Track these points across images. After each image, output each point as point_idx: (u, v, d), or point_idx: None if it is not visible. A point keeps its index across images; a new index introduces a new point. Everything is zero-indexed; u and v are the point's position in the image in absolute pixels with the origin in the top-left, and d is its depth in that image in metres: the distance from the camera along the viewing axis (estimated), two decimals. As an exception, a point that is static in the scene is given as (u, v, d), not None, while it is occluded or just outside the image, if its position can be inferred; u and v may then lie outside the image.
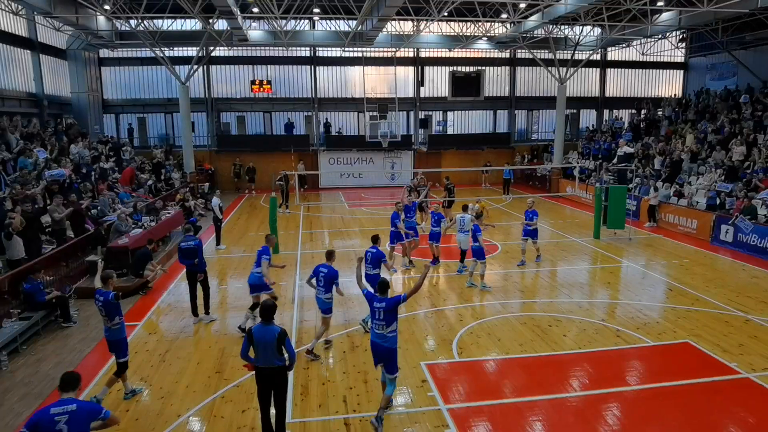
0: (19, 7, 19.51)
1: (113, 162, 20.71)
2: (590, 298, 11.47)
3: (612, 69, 33.10)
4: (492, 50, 29.88)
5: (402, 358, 8.42)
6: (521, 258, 13.91)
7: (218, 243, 16.22)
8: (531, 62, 29.81)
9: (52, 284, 10.83)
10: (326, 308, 8.72)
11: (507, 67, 31.95)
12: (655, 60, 32.00)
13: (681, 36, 29.34)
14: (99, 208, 15.03)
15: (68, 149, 18.72)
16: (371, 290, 7.25)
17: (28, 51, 22.48)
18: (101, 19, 23.14)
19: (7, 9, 19.07)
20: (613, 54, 32.49)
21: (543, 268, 13.54)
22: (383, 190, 28.22)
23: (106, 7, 19.88)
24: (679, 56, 32.17)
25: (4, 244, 10.57)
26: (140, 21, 22.25)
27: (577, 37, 26.84)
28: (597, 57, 31.39)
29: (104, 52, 27.98)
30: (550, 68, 26.67)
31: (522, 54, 30.81)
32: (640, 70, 33.17)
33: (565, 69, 26.30)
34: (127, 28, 23.55)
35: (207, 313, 10.49)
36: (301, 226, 19.35)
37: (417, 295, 11.42)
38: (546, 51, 27.30)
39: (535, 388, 7.55)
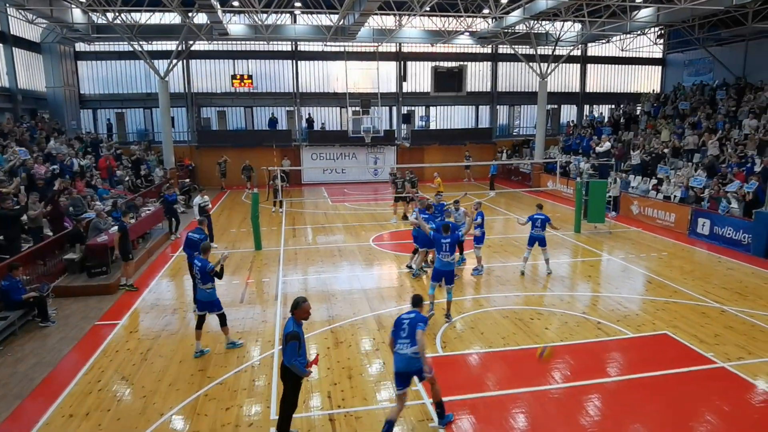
0: (-8, 0, 19.03)
1: (91, 158, 20.34)
2: (571, 291, 11.63)
3: (592, 65, 33.46)
4: (474, 45, 29.98)
5: (386, 353, 8.48)
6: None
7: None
8: (513, 58, 30.02)
9: (29, 283, 10.63)
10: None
11: (489, 63, 32.10)
12: (634, 56, 32.43)
13: (659, 32, 29.77)
14: (73, 205, 14.73)
15: (45, 145, 18.37)
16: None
17: (0, 44, 21.94)
18: (77, 12, 22.69)
19: (-23, 1, 18.59)
20: (594, 50, 32.86)
21: (527, 261, 13.65)
22: (366, 185, 28.23)
23: (82, -1, 19.50)
24: (657, 52, 32.66)
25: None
26: (117, 14, 21.83)
27: (558, 32, 27.08)
28: (577, 53, 31.74)
29: (80, 46, 27.40)
30: (531, 64, 26.87)
31: (504, 49, 30.98)
32: (620, 65, 33.59)
33: (546, 64, 26.52)
34: (104, 22, 23.07)
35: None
36: (283, 222, 19.26)
37: (402, 291, 11.52)
38: (527, 46, 27.49)
39: (518, 380, 7.65)
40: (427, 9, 21.63)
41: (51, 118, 24.00)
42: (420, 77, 31.09)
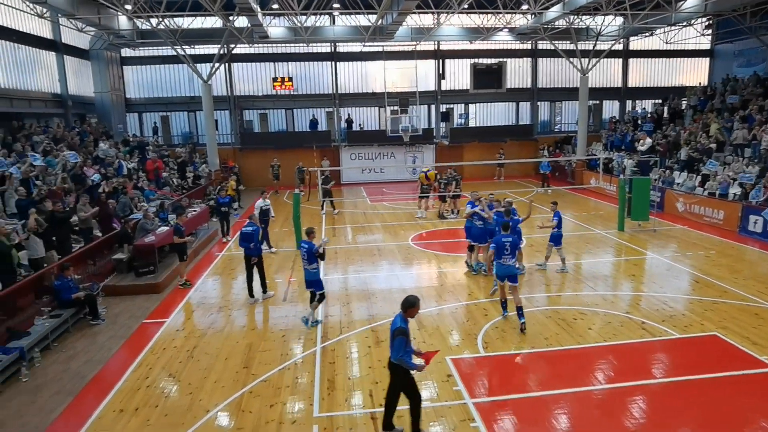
0: (44, 10, 19.96)
1: (137, 161, 21.09)
2: (615, 291, 11.39)
3: (635, 59, 32.52)
4: (513, 42, 29.61)
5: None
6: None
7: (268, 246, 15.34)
8: (553, 53, 29.46)
9: (80, 282, 11.11)
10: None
11: (528, 59, 31.64)
12: (679, 48, 31.32)
13: (707, 22, 28.65)
14: (123, 206, 15.33)
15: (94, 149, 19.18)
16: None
17: (53, 53, 23.03)
18: (122, 18, 23.56)
19: (32, 12, 19.54)
20: (636, 43, 31.92)
21: (568, 262, 13.43)
22: (405, 184, 28.23)
23: (128, 6, 20.22)
24: (704, 43, 31.46)
25: (23, 244, 10.85)
26: (161, 19, 22.56)
27: (599, 27, 26.43)
28: (619, 47, 30.89)
29: (126, 52, 28.47)
30: (571, 59, 26.34)
31: (543, 45, 30.49)
32: (664, 59, 32.54)
33: (587, 60, 25.96)
34: (148, 27, 23.88)
35: (264, 291, 11.40)
36: (323, 222, 19.50)
37: (442, 291, 11.53)
38: (568, 42, 26.97)
39: (561, 381, 7.56)
40: (466, 6, 21.54)
41: (99, 123, 24.99)
42: (459, 75, 30.91)
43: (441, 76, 30.44)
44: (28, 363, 8.50)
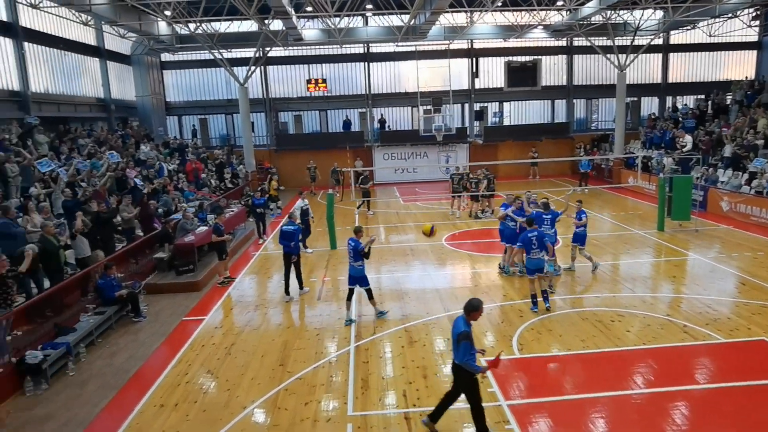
0: (89, 18, 20.70)
1: (177, 163, 21.68)
2: (654, 293, 11.09)
3: (676, 53, 31.56)
4: (548, 39, 29.18)
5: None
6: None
7: (305, 247, 15.40)
8: (589, 50, 28.88)
9: (123, 280, 11.48)
10: None
11: (564, 56, 31.11)
12: (723, 41, 30.22)
13: (754, 13, 27.53)
14: (166, 206, 15.79)
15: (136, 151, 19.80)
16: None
17: (96, 59, 23.88)
18: (162, 24, 24.23)
19: (77, 20, 20.29)
20: (677, 37, 30.97)
21: (604, 262, 13.17)
22: (438, 184, 28.13)
23: (167, 12, 20.79)
24: (751, 35, 30.21)
25: (70, 243, 11.26)
26: (199, 24, 23.12)
27: (638, 21, 25.77)
28: (659, 41, 30.03)
29: (165, 56, 29.29)
30: (608, 55, 25.77)
31: (579, 42, 29.91)
32: (707, 52, 31.47)
33: (624, 55, 25.33)
34: (187, 32, 24.50)
35: (301, 288, 11.72)
36: (356, 221, 19.62)
37: (476, 292, 11.45)
38: (604, 38, 26.41)
39: (598, 384, 7.42)
40: (499, 4, 21.31)
41: (140, 126, 25.78)
42: (493, 73, 30.64)
43: (474, 74, 30.23)
44: (74, 358, 8.84)
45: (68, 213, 12.10)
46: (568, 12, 24.62)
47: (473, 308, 6.08)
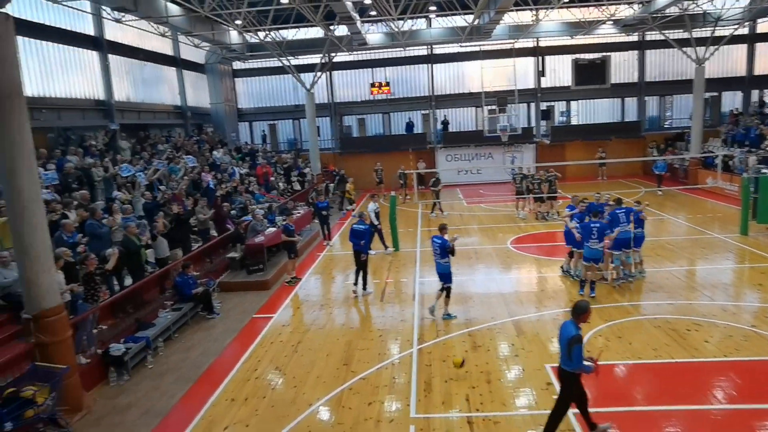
0: (166, 29, 21.93)
1: (248, 167, 22.55)
2: (737, 301, 10.42)
3: (763, 43, 29.36)
4: (618, 34, 27.98)
5: (525, 359, 8.36)
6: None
7: (385, 247, 15.80)
8: (663, 44, 27.42)
9: (198, 278, 12.07)
10: None
11: (635, 51, 29.75)
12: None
13: None
14: (241, 208, 16.51)
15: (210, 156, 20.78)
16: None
17: (173, 68, 25.23)
18: (233, 33, 25.28)
19: (156, 32, 21.52)
20: (765, 25, 28.77)
21: (679, 267, 12.52)
22: (503, 185, 27.61)
23: (238, 21, 21.66)
24: None
25: (150, 244, 11.92)
26: (268, 32, 23.93)
27: (719, 11, 24.26)
28: (744, 31, 28.07)
29: (237, 65, 30.52)
30: (685, 49, 24.42)
31: (652, 36, 28.51)
32: (801, 40, 29.07)
33: (703, 48, 23.90)
34: (257, 40, 25.41)
35: (364, 288, 11.91)
36: (419, 223, 19.66)
37: (542, 297, 11.21)
38: (680, 30, 25.04)
39: (671, 396, 7.08)
40: (566, 0, 20.72)
41: (214, 132, 27.00)
42: (559, 71, 29.77)
43: (540, 73, 29.50)
44: (153, 351, 9.41)
45: (148, 214, 12.88)
46: (641, 5, 23.56)
47: (582, 310, 5.93)
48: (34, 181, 7.48)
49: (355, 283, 12.06)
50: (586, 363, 5.86)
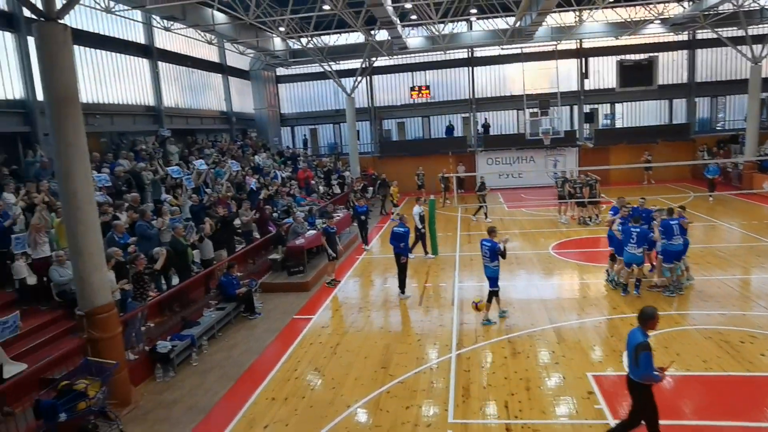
0: (212, 37, 22.59)
1: (290, 171, 22.94)
2: (795, 313, 9.93)
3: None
4: (666, 34, 27.12)
5: (566, 367, 8.19)
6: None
7: (426, 252, 15.62)
8: (715, 42, 26.40)
9: (240, 279, 12.35)
10: None
11: (684, 51, 28.75)
12: None
13: None
14: (285, 211, 16.82)
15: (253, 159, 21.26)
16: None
17: (219, 75, 25.94)
18: (277, 40, 25.80)
19: (203, 39, 22.21)
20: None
21: (732, 276, 12.01)
22: (545, 189, 27.14)
23: (281, 28, 22.11)
24: None
25: (197, 245, 12.30)
26: (310, 38, 24.32)
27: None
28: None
29: (280, 71, 31.13)
30: (739, 47, 23.44)
31: (703, 34, 27.51)
32: None
33: (760, 46, 22.88)
34: (299, 47, 25.87)
35: (402, 291, 11.96)
36: (458, 228, 19.53)
37: (584, 304, 10.96)
38: (735, 28, 24.06)
39: (724, 411, 6.79)
40: (611, 0, 20.23)
41: (258, 136, 27.60)
42: (603, 73, 29.10)
43: (584, 75, 28.87)
44: (197, 349, 9.68)
45: (195, 216, 13.28)
46: (691, 3, 22.77)
47: (649, 317, 5.76)
48: (87, 184, 7.83)
49: (402, 290, 12.12)
50: (654, 372, 5.63)
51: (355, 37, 26.99)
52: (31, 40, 13.30)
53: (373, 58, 27.42)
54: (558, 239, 16.64)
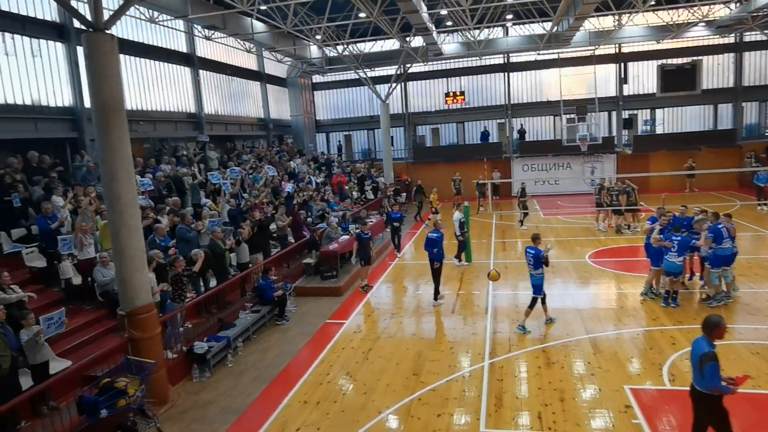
0: (251, 46, 23.09)
1: (324, 176, 23.20)
2: None
3: None
4: (710, 37, 26.32)
5: (602, 379, 8.01)
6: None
7: (459, 259, 15.45)
8: (764, 45, 25.50)
9: (276, 282, 12.53)
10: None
11: (731, 54, 27.79)
12: None
13: None
14: (320, 216, 17.03)
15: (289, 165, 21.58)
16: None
17: (258, 82, 26.48)
18: (314, 48, 26.19)
19: (242, 48, 22.72)
20: None
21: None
22: (582, 197, 26.62)
23: (318, 36, 22.43)
24: None
25: (234, 249, 12.54)
26: (346, 46, 24.59)
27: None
28: None
29: (316, 78, 31.57)
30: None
31: (751, 37, 26.58)
32: None
33: (811, 50, 21.98)
34: (335, 54, 26.19)
35: (435, 299, 11.99)
36: (493, 234, 19.34)
37: (622, 314, 10.70)
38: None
39: (769, 429, 6.53)
40: (653, 3, 19.77)
41: (294, 142, 28.02)
42: (643, 78, 28.45)
43: (623, 80, 28.27)
44: (233, 351, 9.87)
45: (233, 220, 13.56)
46: (738, 4, 22.04)
47: (714, 325, 5.55)
48: (131, 188, 8.10)
49: (438, 297, 12.11)
50: (723, 384, 5.41)
51: (390, 44, 27.16)
52: (80, 50, 13.89)
53: (408, 65, 27.50)
54: (595, 248, 16.30)
